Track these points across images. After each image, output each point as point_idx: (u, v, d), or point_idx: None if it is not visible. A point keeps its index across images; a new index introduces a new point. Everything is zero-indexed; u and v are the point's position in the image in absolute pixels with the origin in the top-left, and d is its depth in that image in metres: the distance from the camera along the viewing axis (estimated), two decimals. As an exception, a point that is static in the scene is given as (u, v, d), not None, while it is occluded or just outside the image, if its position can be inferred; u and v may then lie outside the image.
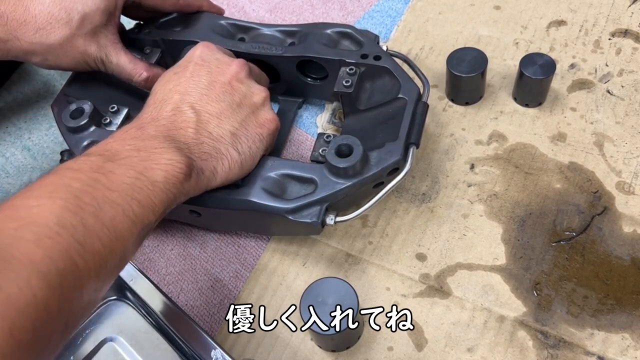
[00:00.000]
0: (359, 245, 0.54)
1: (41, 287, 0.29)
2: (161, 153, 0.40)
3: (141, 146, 0.40)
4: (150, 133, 0.42)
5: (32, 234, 0.30)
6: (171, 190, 0.39)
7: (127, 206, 0.36)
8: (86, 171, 0.36)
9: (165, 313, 0.46)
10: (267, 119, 0.49)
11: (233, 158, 0.45)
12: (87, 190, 0.34)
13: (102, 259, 0.33)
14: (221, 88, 0.47)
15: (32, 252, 0.30)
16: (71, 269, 0.31)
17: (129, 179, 0.37)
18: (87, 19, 0.51)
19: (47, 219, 0.31)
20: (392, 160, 0.47)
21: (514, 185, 0.55)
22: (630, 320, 0.47)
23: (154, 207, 0.38)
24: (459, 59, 0.57)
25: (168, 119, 0.44)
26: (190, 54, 0.50)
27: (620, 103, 0.58)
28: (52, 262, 0.30)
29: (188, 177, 0.41)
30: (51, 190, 0.33)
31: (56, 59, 0.52)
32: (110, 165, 0.37)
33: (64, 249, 0.31)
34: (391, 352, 0.48)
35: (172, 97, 0.45)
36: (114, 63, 0.54)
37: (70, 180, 0.34)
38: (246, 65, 0.50)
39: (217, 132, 0.45)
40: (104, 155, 0.38)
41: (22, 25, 0.49)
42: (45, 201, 0.32)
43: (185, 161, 0.40)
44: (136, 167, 0.38)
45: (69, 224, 0.32)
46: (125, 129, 0.42)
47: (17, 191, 0.61)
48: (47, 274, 0.30)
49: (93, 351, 0.47)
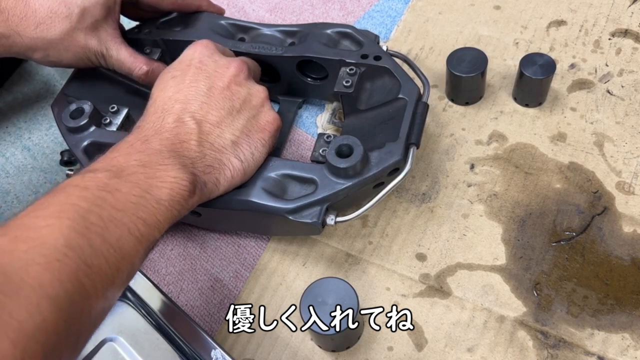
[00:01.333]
0: (359, 245, 0.54)
1: (50, 311, 0.30)
2: (166, 170, 0.40)
3: (146, 161, 0.40)
4: (155, 147, 0.42)
5: (42, 257, 0.31)
6: (175, 207, 0.39)
7: (132, 225, 0.36)
8: (93, 189, 0.36)
9: (165, 313, 0.46)
10: (268, 121, 0.48)
11: (235, 167, 0.45)
12: (94, 210, 0.35)
13: (108, 279, 0.34)
14: (220, 94, 0.47)
15: (42, 276, 0.30)
16: (79, 290, 0.31)
17: (135, 197, 0.37)
18: (87, 12, 0.51)
19: (55, 241, 0.32)
20: (393, 161, 0.47)
21: (514, 185, 0.55)
22: (630, 320, 0.47)
23: (159, 225, 0.38)
24: (459, 59, 0.57)
25: (171, 131, 0.44)
26: (189, 55, 0.49)
27: (620, 103, 0.58)
28: (60, 286, 0.30)
29: (192, 193, 0.41)
30: (59, 210, 0.34)
31: (57, 54, 0.52)
32: (116, 183, 0.37)
33: (72, 272, 0.31)
34: (391, 352, 0.48)
35: (173, 106, 0.45)
36: (114, 57, 0.54)
37: (77, 199, 0.35)
38: (244, 65, 0.50)
39: (219, 143, 0.45)
40: (110, 171, 0.38)
41: (23, 20, 0.49)
42: (54, 221, 0.33)
43: (189, 178, 0.41)
44: (142, 185, 0.38)
45: (76, 246, 0.32)
46: (130, 142, 0.42)
47: (17, 191, 0.62)
48: (55, 298, 0.30)
49: (93, 351, 0.47)
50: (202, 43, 0.50)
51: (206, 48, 0.50)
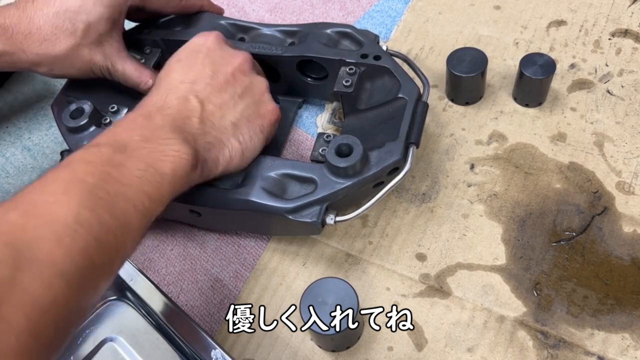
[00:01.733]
0: (359, 245, 0.54)
1: (62, 287, 0.30)
2: (169, 144, 0.40)
3: (149, 136, 0.40)
4: (157, 122, 0.42)
5: (53, 233, 0.31)
6: (178, 181, 0.40)
7: (137, 200, 0.36)
8: (98, 164, 0.36)
9: (165, 313, 0.46)
10: (268, 110, 0.49)
11: (234, 147, 0.46)
12: (101, 185, 0.35)
13: (116, 254, 0.34)
14: (224, 79, 0.48)
15: (54, 252, 0.31)
16: (89, 266, 0.32)
17: (139, 171, 0.37)
18: (92, 28, 0.51)
19: (65, 217, 0.32)
20: (392, 160, 0.47)
21: (514, 185, 0.55)
22: (630, 320, 0.47)
23: (162, 199, 0.39)
24: (459, 59, 0.57)
25: (174, 107, 0.44)
26: (199, 42, 0.50)
27: (620, 103, 0.58)
28: (72, 262, 0.31)
29: (194, 168, 0.42)
30: (66, 186, 0.34)
31: (62, 69, 0.52)
32: (120, 157, 0.37)
33: (83, 248, 0.32)
34: (391, 352, 0.48)
35: (178, 86, 0.46)
36: (119, 72, 0.54)
37: (83, 174, 0.35)
38: (250, 57, 0.51)
39: (220, 123, 0.46)
40: (113, 145, 0.38)
41: (27, 37, 0.49)
42: (62, 197, 0.33)
43: (191, 152, 0.41)
44: (145, 159, 0.38)
45: (86, 222, 0.33)
46: (132, 117, 0.43)
47: (17, 191, 0.61)
48: (67, 274, 0.31)
49: (93, 351, 0.47)
50: (212, 33, 0.51)
51: (216, 38, 0.50)
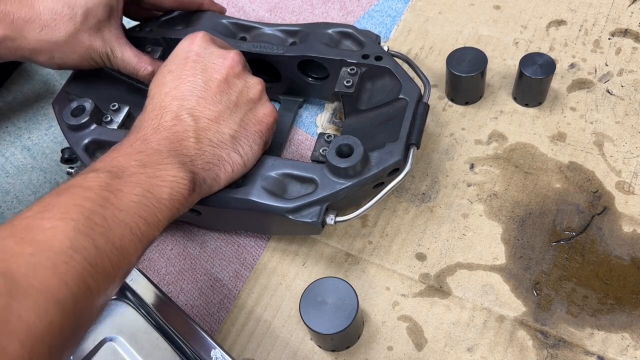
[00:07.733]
0: (359, 245, 0.54)
1: (57, 314, 0.30)
2: (166, 170, 0.40)
3: (147, 161, 0.40)
4: (154, 147, 0.42)
5: (49, 260, 0.31)
6: (175, 206, 0.40)
7: (134, 225, 0.37)
8: (96, 190, 0.36)
9: (165, 313, 0.46)
10: (266, 114, 0.49)
11: (236, 162, 0.46)
12: (98, 210, 0.35)
13: (111, 279, 0.35)
14: (218, 88, 0.47)
15: (49, 279, 0.31)
16: (84, 292, 0.32)
17: (137, 197, 0.38)
18: (91, 13, 0.51)
19: (62, 243, 0.32)
20: (393, 161, 0.47)
21: (514, 185, 0.55)
22: (630, 320, 0.47)
23: (159, 224, 0.39)
24: (459, 59, 0.57)
25: (169, 130, 0.44)
26: (186, 47, 0.49)
27: (620, 103, 0.58)
28: (67, 288, 0.31)
29: (192, 192, 0.42)
30: (64, 212, 0.34)
31: (63, 57, 0.52)
32: (118, 183, 0.38)
33: (78, 274, 0.32)
34: (391, 352, 0.48)
35: (171, 103, 0.45)
36: (119, 58, 0.54)
37: (81, 199, 0.35)
38: (241, 56, 0.50)
39: (218, 138, 0.45)
40: (111, 172, 0.39)
41: (28, 23, 0.50)
42: (59, 223, 0.33)
43: (189, 177, 0.41)
44: (143, 185, 0.38)
45: (82, 247, 0.33)
46: (130, 142, 0.43)
47: (17, 191, 0.62)
48: (62, 301, 0.31)
49: (93, 351, 0.47)
50: (198, 35, 0.50)
51: (202, 40, 0.49)
